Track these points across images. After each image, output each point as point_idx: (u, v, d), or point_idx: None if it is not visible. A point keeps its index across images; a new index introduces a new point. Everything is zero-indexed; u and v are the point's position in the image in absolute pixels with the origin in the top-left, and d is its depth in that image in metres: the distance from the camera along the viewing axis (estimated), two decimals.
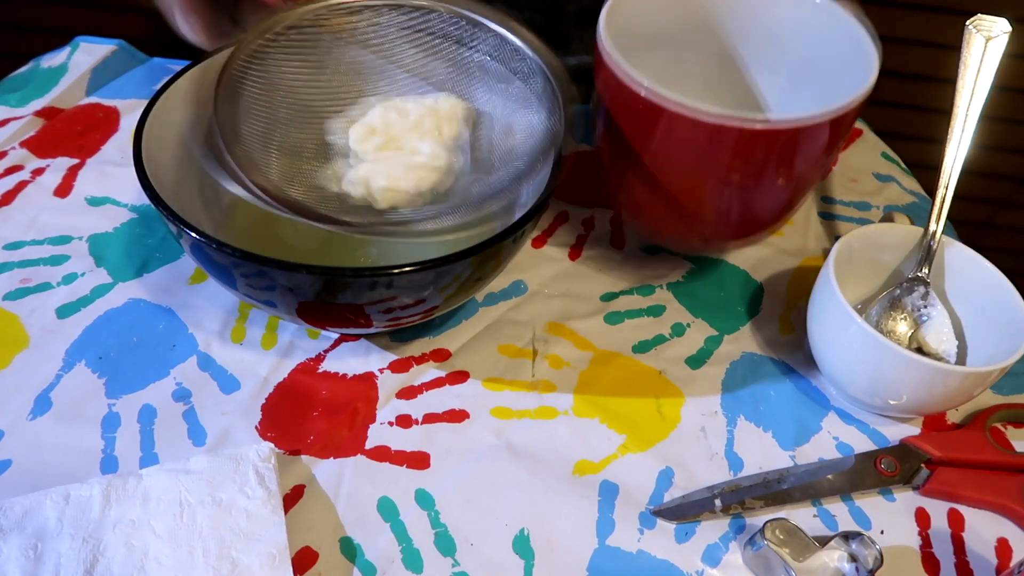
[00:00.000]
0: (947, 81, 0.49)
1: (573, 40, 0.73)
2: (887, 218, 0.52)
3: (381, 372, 0.47)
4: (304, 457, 0.42)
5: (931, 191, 0.49)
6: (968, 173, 0.48)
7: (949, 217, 0.48)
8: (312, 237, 0.49)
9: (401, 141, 0.43)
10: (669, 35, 0.50)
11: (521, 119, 0.45)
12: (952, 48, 0.49)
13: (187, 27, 0.49)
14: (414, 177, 0.42)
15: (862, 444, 0.46)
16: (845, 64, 0.45)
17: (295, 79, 0.45)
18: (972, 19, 0.48)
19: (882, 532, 0.42)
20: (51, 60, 0.66)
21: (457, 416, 0.45)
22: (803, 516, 0.42)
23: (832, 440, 0.46)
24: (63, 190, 0.55)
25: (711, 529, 0.41)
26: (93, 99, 0.63)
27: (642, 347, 0.50)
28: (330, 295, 0.39)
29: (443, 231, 0.39)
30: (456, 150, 0.44)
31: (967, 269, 0.48)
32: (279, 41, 0.44)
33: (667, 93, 0.40)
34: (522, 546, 0.40)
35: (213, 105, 0.40)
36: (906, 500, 0.44)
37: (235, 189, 0.50)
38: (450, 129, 0.44)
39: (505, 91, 0.46)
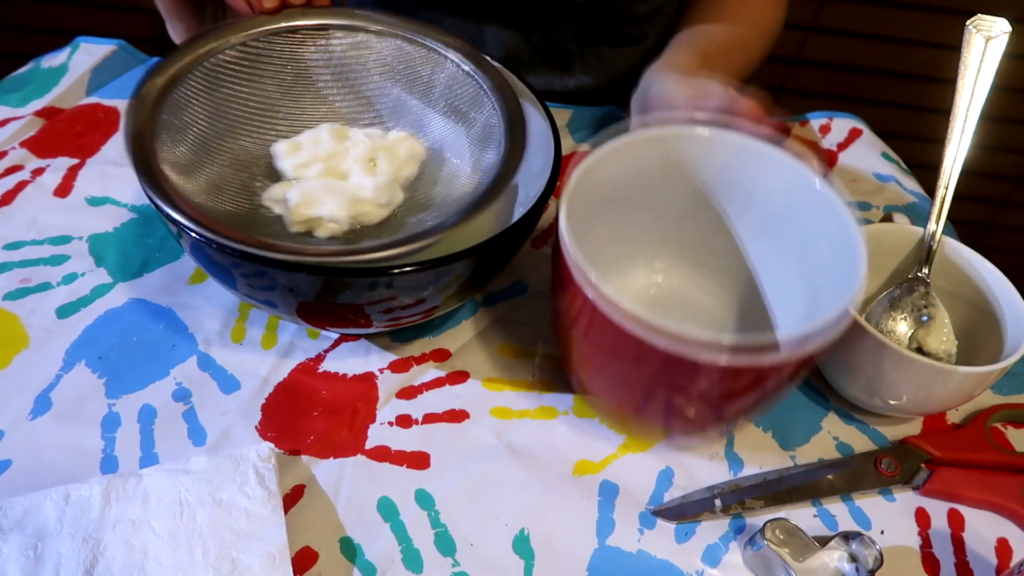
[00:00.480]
0: (947, 81, 0.49)
1: (575, 60, 0.73)
2: (887, 218, 0.52)
3: (381, 372, 0.47)
4: (304, 457, 0.42)
5: (931, 191, 0.49)
6: (968, 173, 0.48)
7: (949, 217, 0.48)
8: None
9: (330, 165, 0.42)
10: (646, 190, 0.47)
11: (474, 158, 0.44)
12: (952, 48, 0.49)
13: (173, 33, 0.50)
14: (333, 202, 0.40)
15: (862, 444, 0.46)
16: (832, 250, 0.42)
17: (241, 91, 0.44)
18: (972, 19, 0.48)
19: (882, 532, 0.42)
20: (51, 60, 0.66)
21: (457, 416, 0.45)
22: (803, 516, 0.42)
23: (832, 440, 0.46)
24: (63, 190, 0.55)
25: (711, 529, 0.41)
26: (93, 99, 0.63)
27: None
28: (330, 295, 0.39)
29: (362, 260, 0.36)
30: (391, 184, 0.43)
31: (967, 269, 0.48)
32: (234, 50, 0.43)
33: (614, 297, 0.35)
34: (522, 546, 0.40)
35: (153, 106, 0.39)
36: (906, 500, 0.44)
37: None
38: (387, 163, 0.43)
39: (456, 125, 0.45)
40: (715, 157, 0.45)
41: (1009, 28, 0.48)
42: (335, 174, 0.42)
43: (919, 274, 0.47)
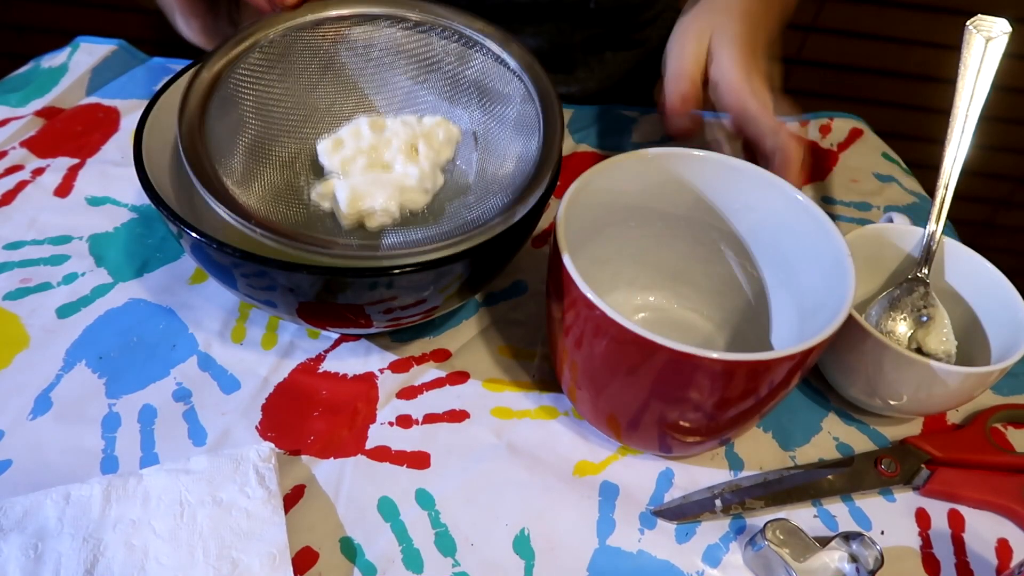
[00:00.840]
0: (947, 81, 0.49)
1: (579, 65, 0.73)
2: (887, 219, 0.52)
3: (381, 372, 0.47)
4: (304, 457, 0.42)
5: (931, 191, 0.49)
6: (968, 173, 0.48)
7: (949, 217, 0.48)
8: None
9: (373, 157, 0.43)
10: (630, 209, 0.47)
11: (510, 144, 0.44)
12: (952, 48, 0.49)
13: (187, 29, 0.49)
14: (383, 194, 0.41)
15: (862, 444, 0.46)
16: (822, 277, 0.42)
17: (274, 91, 0.44)
18: (972, 19, 0.48)
19: (882, 532, 0.42)
20: (51, 60, 0.66)
21: (457, 416, 0.45)
22: (803, 516, 0.42)
23: (832, 440, 0.46)
24: (63, 190, 0.55)
25: (711, 529, 0.41)
26: (93, 99, 0.63)
27: None
28: (330, 295, 0.39)
29: (412, 253, 0.37)
30: (433, 170, 0.43)
31: (967, 269, 0.48)
32: (262, 51, 0.43)
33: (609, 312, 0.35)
34: (522, 546, 0.40)
35: (200, 114, 0.40)
36: (906, 500, 0.44)
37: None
38: (428, 148, 0.43)
39: (493, 113, 0.46)
40: (699, 176, 0.46)
41: (1009, 28, 0.48)
42: (379, 165, 0.42)
43: (919, 274, 0.47)
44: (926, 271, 0.47)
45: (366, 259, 0.37)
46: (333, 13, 0.45)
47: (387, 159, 0.43)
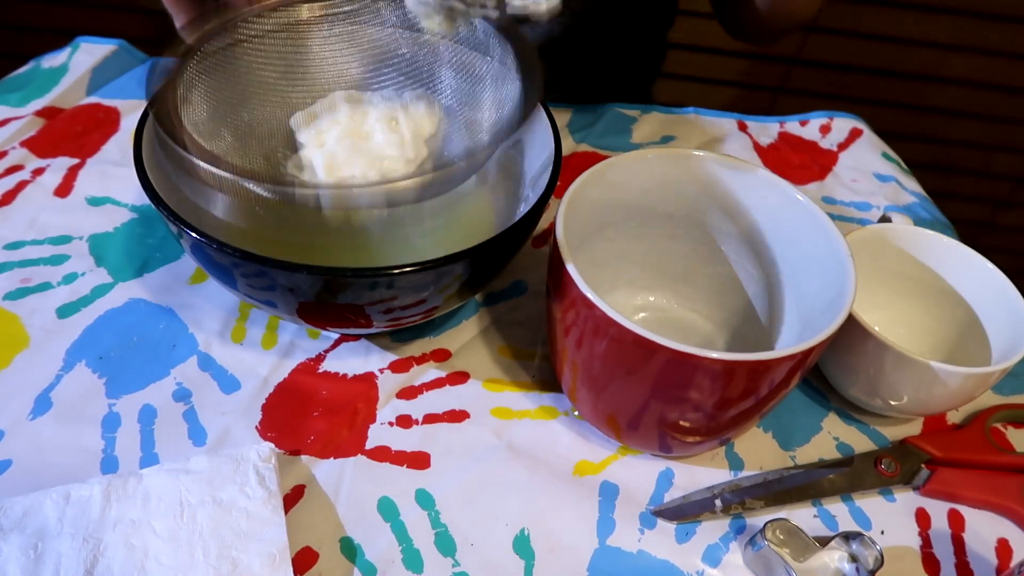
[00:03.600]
0: (947, 81, 0.49)
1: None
2: (886, 218, 0.52)
3: (381, 372, 0.47)
4: (304, 457, 0.42)
5: (931, 191, 0.49)
6: (968, 173, 0.48)
7: (949, 217, 0.48)
8: (312, 236, 0.49)
9: (350, 128, 0.42)
10: (630, 210, 0.47)
11: (489, 95, 0.44)
12: (952, 48, 0.49)
13: (174, 17, 0.49)
14: (361, 161, 0.40)
15: (862, 444, 0.46)
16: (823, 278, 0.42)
17: (253, 63, 0.44)
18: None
19: (882, 532, 0.42)
20: (52, 60, 0.66)
21: (457, 416, 0.45)
22: (803, 516, 0.42)
23: (832, 440, 0.46)
24: (63, 190, 0.55)
25: (711, 529, 0.41)
26: (93, 99, 0.63)
27: None
28: (330, 295, 0.39)
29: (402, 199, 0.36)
30: (416, 139, 0.43)
31: (967, 269, 0.48)
32: (242, 28, 0.43)
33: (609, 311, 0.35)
34: (522, 546, 0.40)
35: (172, 76, 0.39)
36: (906, 500, 0.44)
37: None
38: (408, 120, 0.42)
39: (470, 81, 0.45)
40: (699, 176, 0.46)
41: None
42: (356, 136, 0.42)
43: None
44: None
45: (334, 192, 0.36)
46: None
47: (364, 130, 0.42)
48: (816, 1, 0.58)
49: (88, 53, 0.66)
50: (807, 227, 0.43)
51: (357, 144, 0.41)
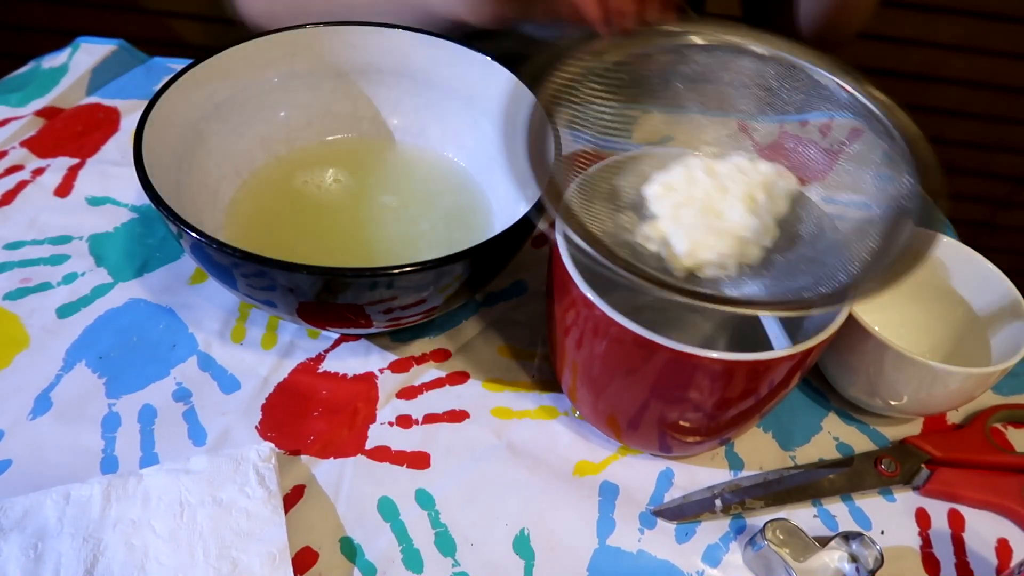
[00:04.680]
0: (947, 81, 0.49)
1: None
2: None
3: (381, 372, 0.47)
4: (304, 457, 0.42)
5: (931, 191, 0.48)
6: (968, 173, 0.48)
7: (949, 217, 0.48)
8: (313, 236, 0.49)
9: (706, 204, 0.39)
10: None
11: (854, 194, 0.41)
12: (952, 48, 0.49)
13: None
14: (719, 244, 0.37)
15: (862, 444, 0.46)
16: None
17: (605, 115, 0.42)
18: None
19: (882, 532, 0.42)
20: (52, 60, 0.66)
21: (457, 416, 0.45)
22: (803, 516, 0.42)
23: (832, 440, 0.46)
24: (63, 190, 0.55)
25: (711, 529, 0.41)
26: (93, 99, 0.63)
27: None
28: (330, 295, 0.39)
29: (753, 305, 0.34)
30: (767, 220, 0.39)
31: (967, 269, 0.48)
32: (596, 73, 0.41)
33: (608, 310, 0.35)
34: (522, 546, 0.40)
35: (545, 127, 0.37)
36: (906, 500, 0.44)
37: (231, 190, 0.51)
38: (764, 197, 0.39)
39: (838, 160, 0.42)
40: None
41: None
42: (713, 213, 0.39)
43: None
44: None
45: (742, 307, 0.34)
46: (675, 40, 0.42)
47: (721, 207, 0.39)
48: (868, 9, 0.57)
49: (88, 53, 0.66)
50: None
51: (713, 222, 0.38)
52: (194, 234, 0.37)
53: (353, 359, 0.47)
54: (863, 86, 0.41)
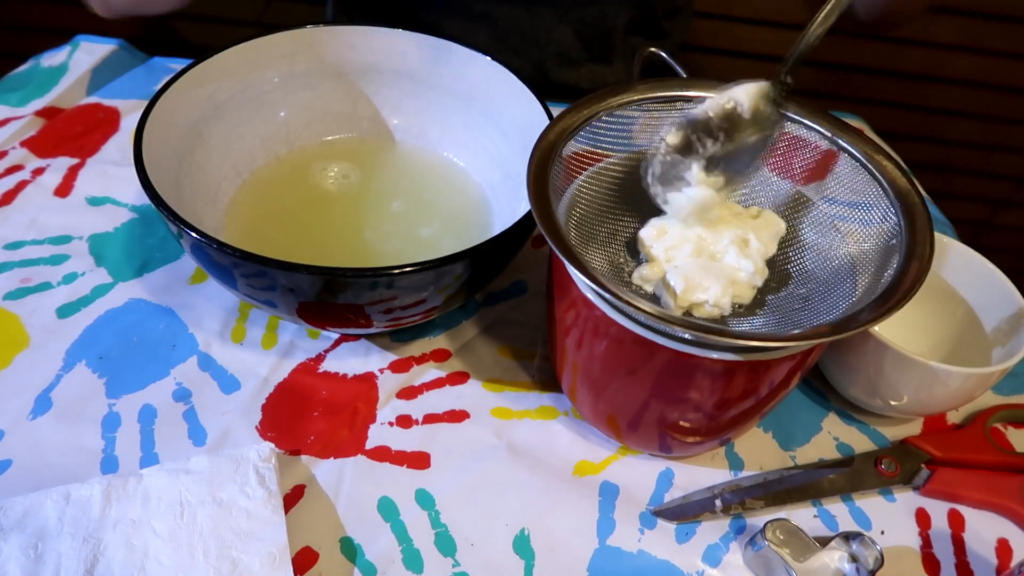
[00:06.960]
0: (947, 81, 0.49)
1: (616, 53, 0.73)
2: None
3: (381, 372, 0.47)
4: (304, 457, 0.42)
5: (931, 191, 0.49)
6: (968, 173, 0.48)
7: (949, 217, 0.48)
8: (313, 236, 0.50)
9: (700, 246, 0.40)
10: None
11: (831, 236, 0.42)
12: (952, 48, 0.49)
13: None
14: (716, 286, 0.38)
15: (862, 444, 0.46)
16: None
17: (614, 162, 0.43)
18: None
19: (882, 532, 0.42)
20: (51, 59, 0.66)
21: (457, 416, 0.45)
22: (803, 516, 0.42)
23: (832, 440, 0.46)
24: (63, 190, 0.55)
25: (711, 529, 0.41)
26: (93, 99, 0.63)
27: None
28: (330, 295, 0.39)
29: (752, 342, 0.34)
30: (763, 266, 0.40)
31: (967, 269, 0.48)
32: (602, 121, 0.42)
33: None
34: (522, 546, 0.40)
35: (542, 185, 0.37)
36: (906, 500, 0.44)
37: (231, 190, 0.51)
38: (759, 242, 0.40)
39: (833, 214, 0.43)
40: None
41: None
42: (707, 255, 0.40)
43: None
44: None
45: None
46: (682, 92, 0.44)
47: (715, 249, 0.40)
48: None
49: (88, 52, 0.66)
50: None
51: (709, 264, 0.39)
52: (194, 234, 0.37)
53: (353, 359, 0.47)
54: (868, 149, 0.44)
